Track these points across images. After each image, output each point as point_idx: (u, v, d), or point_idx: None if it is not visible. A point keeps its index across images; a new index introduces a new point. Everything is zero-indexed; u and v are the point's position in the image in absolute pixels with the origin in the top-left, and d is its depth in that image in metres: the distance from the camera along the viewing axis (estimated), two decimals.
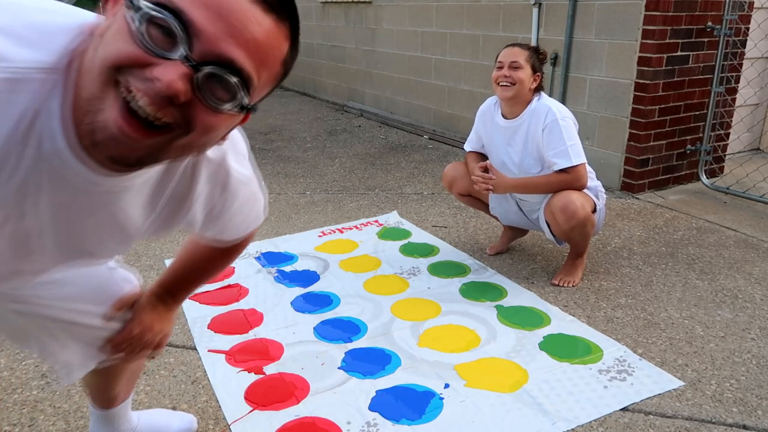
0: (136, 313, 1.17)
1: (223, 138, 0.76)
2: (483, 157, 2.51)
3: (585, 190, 2.29)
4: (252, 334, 2.02)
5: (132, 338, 1.16)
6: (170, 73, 0.60)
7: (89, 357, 1.17)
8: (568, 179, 2.22)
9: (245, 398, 1.69)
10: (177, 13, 0.60)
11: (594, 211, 2.28)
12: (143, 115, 0.62)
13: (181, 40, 0.61)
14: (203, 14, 0.61)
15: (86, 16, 0.71)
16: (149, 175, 0.81)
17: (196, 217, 0.95)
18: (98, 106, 0.63)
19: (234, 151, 0.93)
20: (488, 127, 2.44)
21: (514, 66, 2.23)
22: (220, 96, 0.65)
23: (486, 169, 2.36)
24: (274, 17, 0.65)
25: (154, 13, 0.60)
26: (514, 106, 2.30)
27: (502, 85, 2.25)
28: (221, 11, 0.62)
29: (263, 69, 0.67)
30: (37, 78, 0.65)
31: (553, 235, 2.37)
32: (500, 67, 2.26)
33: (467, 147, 2.56)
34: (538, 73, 2.28)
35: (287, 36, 0.68)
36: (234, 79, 0.64)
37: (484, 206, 2.63)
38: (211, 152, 0.88)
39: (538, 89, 2.30)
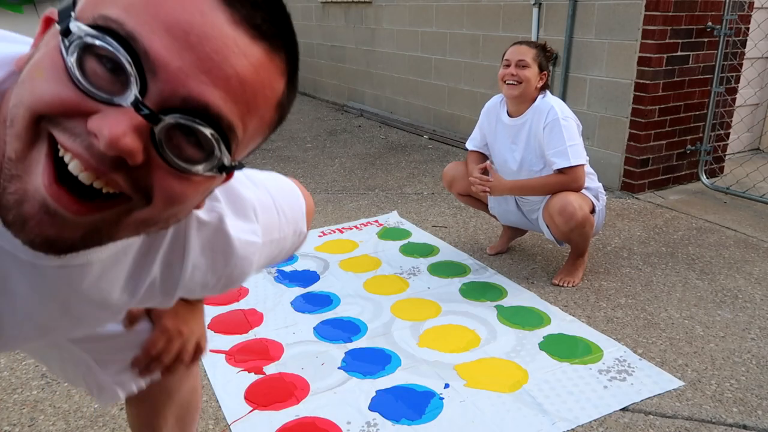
0: (156, 319, 0.97)
1: (200, 204, 0.59)
2: (484, 157, 2.51)
3: (585, 191, 2.29)
4: (252, 334, 2.02)
5: (159, 351, 0.97)
6: (115, 125, 0.43)
7: (122, 380, 1.01)
8: (566, 180, 2.22)
9: (245, 398, 1.69)
10: (127, 41, 0.43)
11: (593, 211, 2.28)
12: (86, 182, 0.46)
13: (132, 80, 0.44)
14: (165, 42, 0.44)
15: (24, 48, 0.54)
16: (125, 243, 0.63)
17: (196, 291, 0.77)
18: (23, 169, 0.46)
19: (233, 206, 0.73)
20: (493, 125, 2.44)
21: (522, 65, 2.23)
22: (189, 154, 0.47)
23: (485, 171, 2.35)
24: (265, 46, 0.49)
25: (93, 40, 0.43)
26: (520, 105, 2.30)
27: (508, 84, 2.25)
28: (190, 38, 0.45)
29: (251, 115, 0.50)
30: None
31: (554, 236, 2.37)
32: (507, 65, 2.26)
33: (469, 145, 2.55)
34: (545, 72, 2.28)
35: (283, 71, 0.51)
36: (208, 131, 0.47)
37: (483, 206, 2.63)
38: (203, 213, 0.69)
39: (544, 88, 2.31)
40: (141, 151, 0.45)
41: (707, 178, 3.61)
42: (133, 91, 0.44)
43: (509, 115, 2.36)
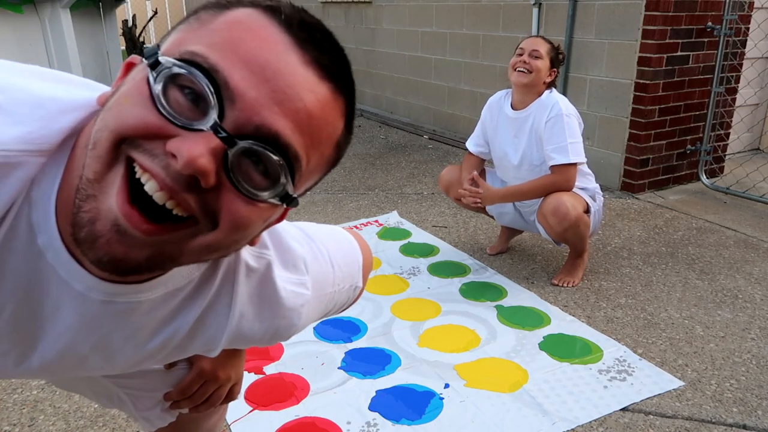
0: (194, 361, 0.96)
1: (255, 239, 0.61)
2: (480, 162, 2.51)
3: (581, 192, 2.29)
4: None
5: (192, 392, 0.97)
6: (194, 147, 0.47)
7: (151, 415, 1.01)
8: (558, 180, 2.21)
9: (245, 398, 1.69)
10: (209, 72, 0.48)
11: (587, 211, 2.28)
12: (160, 202, 0.49)
13: (212, 106, 0.48)
14: (243, 74, 0.49)
15: (102, 89, 0.60)
16: (176, 285, 0.65)
17: (242, 342, 0.75)
18: (99, 189, 0.49)
19: (281, 256, 0.74)
20: (495, 118, 2.43)
21: (535, 55, 2.23)
22: (257, 181, 0.51)
23: (474, 181, 2.35)
24: (331, 87, 0.54)
25: (179, 70, 0.48)
26: (526, 95, 2.30)
27: (518, 71, 2.24)
28: (266, 72, 0.49)
29: (314, 149, 0.54)
30: (34, 162, 0.53)
31: (550, 236, 2.37)
32: (520, 54, 2.26)
33: (469, 145, 2.54)
34: (555, 69, 2.28)
35: (343, 112, 0.56)
36: (276, 158, 0.50)
37: (481, 208, 2.62)
38: (252, 260, 0.71)
39: (551, 85, 2.30)
40: (214, 173, 0.48)
41: (707, 178, 3.61)
42: (213, 117, 0.48)
43: (513, 107, 2.36)
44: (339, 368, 1.83)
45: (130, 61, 0.56)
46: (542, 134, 2.23)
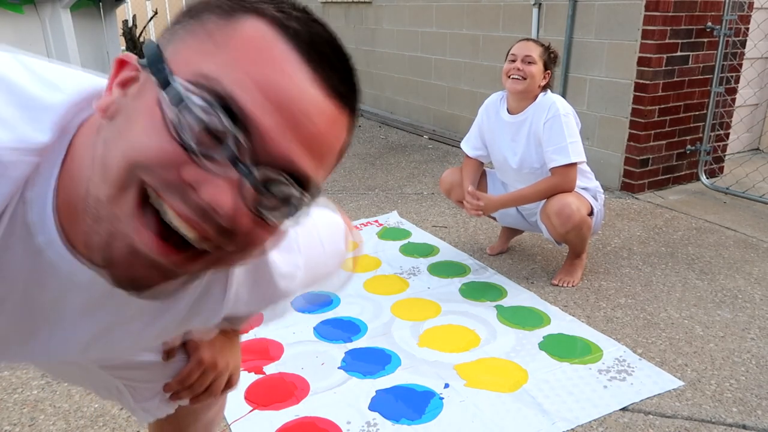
0: (192, 350, 0.96)
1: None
2: (479, 165, 2.51)
3: (583, 192, 2.29)
4: (252, 334, 2.02)
5: (192, 382, 0.97)
6: (221, 193, 0.47)
7: (151, 406, 1.00)
8: (559, 182, 2.21)
9: (245, 398, 1.69)
10: (225, 99, 0.47)
11: (591, 213, 2.28)
12: (188, 236, 0.50)
13: (230, 137, 0.47)
14: (257, 101, 0.48)
15: (97, 83, 0.59)
16: None
17: (237, 318, 0.78)
18: (112, 212, 0.49)
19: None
20: (492, 122, 2.43)
21: (528, 60, 2.22)
22: (271, 204, 0.51)
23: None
24: (338, 104, 0.53)
25: (197, 100, 0.47)
26: (522, 101, 2.29)
27: (513, 78, 2.24)
28: (279, 97, 0.49)
29: (322, 167, 0.54)
30: (27, 162, 0.52)
31: (551, 236, 2.37)
32: (513, 60, 2.25)
33: (464, 147, 2.53)
34: (549, 71, 2.28)
35: (348, 125, 0.56)
36: (291, 185, 0.51)
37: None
38: None
39: (546, 87, 2.30)
40: (237, 208, 0.49)
41: (707, 178, 3.61)
42: (231, 150, 0.48)
43: (509, 112, 2.35)
44: (339, 368, 1.83)
45: (122, 59, 0.54)
46: (541, 136, 2.23)
